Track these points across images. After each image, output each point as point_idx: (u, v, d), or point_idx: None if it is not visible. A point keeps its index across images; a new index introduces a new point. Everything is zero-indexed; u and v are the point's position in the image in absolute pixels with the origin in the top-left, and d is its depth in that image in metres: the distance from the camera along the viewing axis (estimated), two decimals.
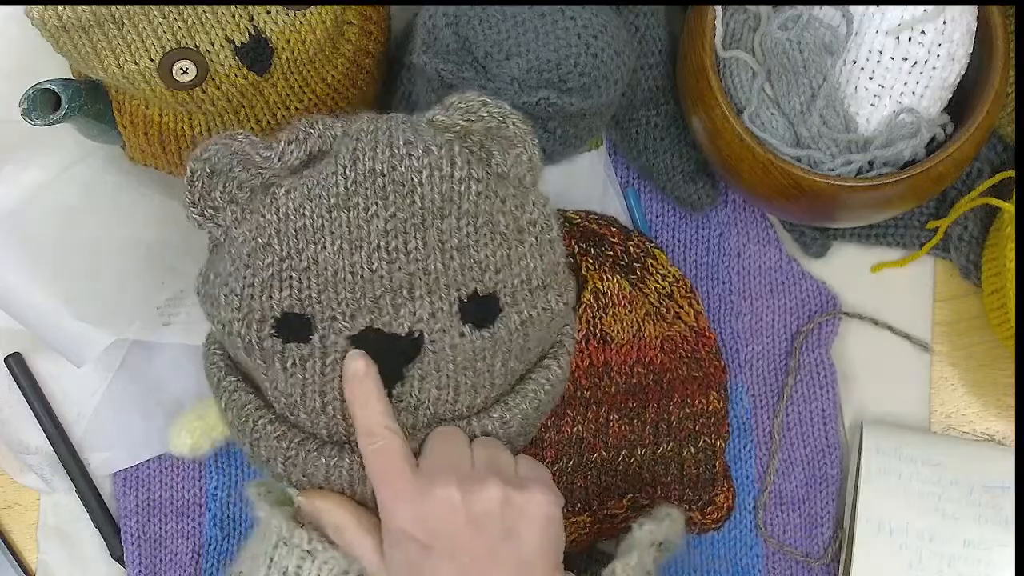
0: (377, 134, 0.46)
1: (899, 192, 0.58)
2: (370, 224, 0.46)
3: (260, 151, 0.47)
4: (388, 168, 0.45)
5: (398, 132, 0.46)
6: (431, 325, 0.47)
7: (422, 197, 0.46)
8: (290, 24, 0.54)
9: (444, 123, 0.47)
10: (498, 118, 0.47)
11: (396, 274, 0.46)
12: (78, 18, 0.50)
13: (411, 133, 0.46)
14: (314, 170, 0.47)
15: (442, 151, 0.46)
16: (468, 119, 0.47)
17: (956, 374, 0.68)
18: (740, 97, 0.59)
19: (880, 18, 0.56)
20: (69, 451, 0.64)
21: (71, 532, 0.66)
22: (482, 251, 0.47)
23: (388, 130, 0.46)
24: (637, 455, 0.63)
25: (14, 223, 0.60)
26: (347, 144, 0.46)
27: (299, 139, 0.48)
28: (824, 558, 0.65)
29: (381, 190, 0.46)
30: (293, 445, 0.47)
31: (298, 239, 0.46)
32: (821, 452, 0.66)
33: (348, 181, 0.46)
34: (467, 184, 0.46)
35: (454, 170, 0.46)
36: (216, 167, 0.47)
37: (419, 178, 0.45)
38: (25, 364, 0.65)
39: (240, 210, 0.48)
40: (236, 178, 0.48)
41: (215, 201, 0.48)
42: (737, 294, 0.67)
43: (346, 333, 0.47)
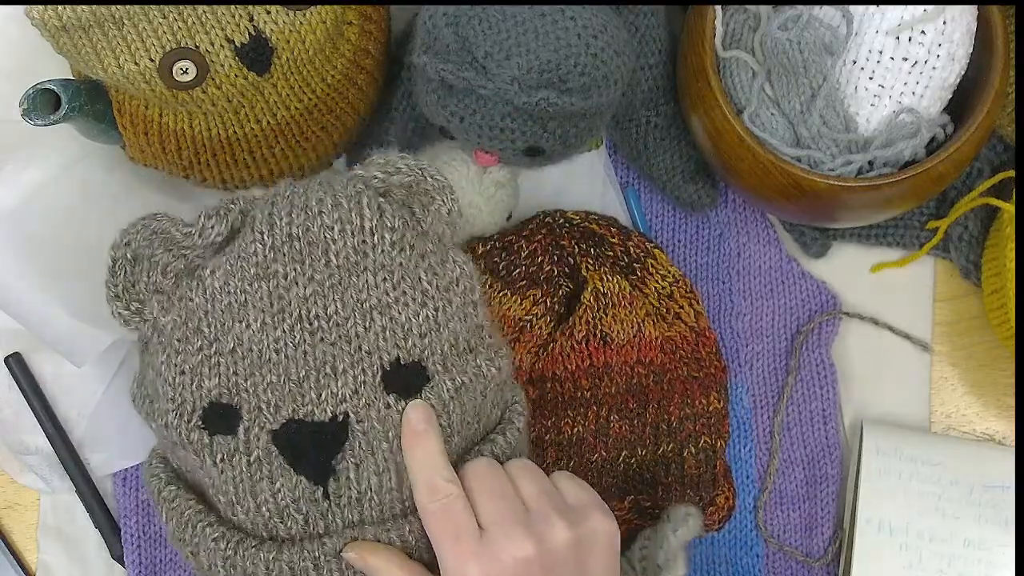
0: (293, 197, 0.45)
1: (899, 192, 0.58)
2: (290, 292, 0.44)
3: (180, 229, 0.46)
4: (303, 230, 0.44)
5: (312, 192, 0.45)
6: (355, 402, 0.45)
7: (336, 255, 0.44)
8: (290, 24, 0.54)
9: (361, 177, 0.47)
10: (416, 172, 0.47)
11: (319, 347, 0.44)
12: (78, 18, 0.50)
13: (323, 191, 0.45)
14: (235, 243, 0.46)
15: (351, 202, 0.45)
16: (385, 171, 0.47)
17: (956, 374, 0.68)
18: (740, 97, 0.59)
19: (880, 18, 0.56)
20: (69, 451, 0.64)
21: (71, 532, 0.66)
22: (404, 311, 0.45)
23: (304, 192, 0.45)
24: (637, 456, 0.63)
25: (14, 223, 0.60)
26: (263, 209, 0.45)
27: (219, 214, 0.46)
28: (824, 558, 0.65)
29: (298, 254, 0.44)
30: (231, 545, 0.45)
31: (224, 319, 0.44)
32: (821, 452, 0.66)
33: (266, 248, 0.44)
34: (379, 234, 0.45)
35: (363, 221, 0.45)
36: (138, 252, 0.46)
37: (331, 235, 0.44)
38: (25, 364, 0.65)
39: (166, 298, 0.46)
40: (159, 263, 0.46)
41: (139, 294, 0.47)
42: (737, 294, 0.67)
43: (269, 427, 0.44)
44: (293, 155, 0.60)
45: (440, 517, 0.45)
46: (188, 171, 0.60)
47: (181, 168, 0.60)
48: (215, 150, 0.58)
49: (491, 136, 0.56)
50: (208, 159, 0.59)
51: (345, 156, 0.66)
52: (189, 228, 0.46)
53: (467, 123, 0.56)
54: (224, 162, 0.59)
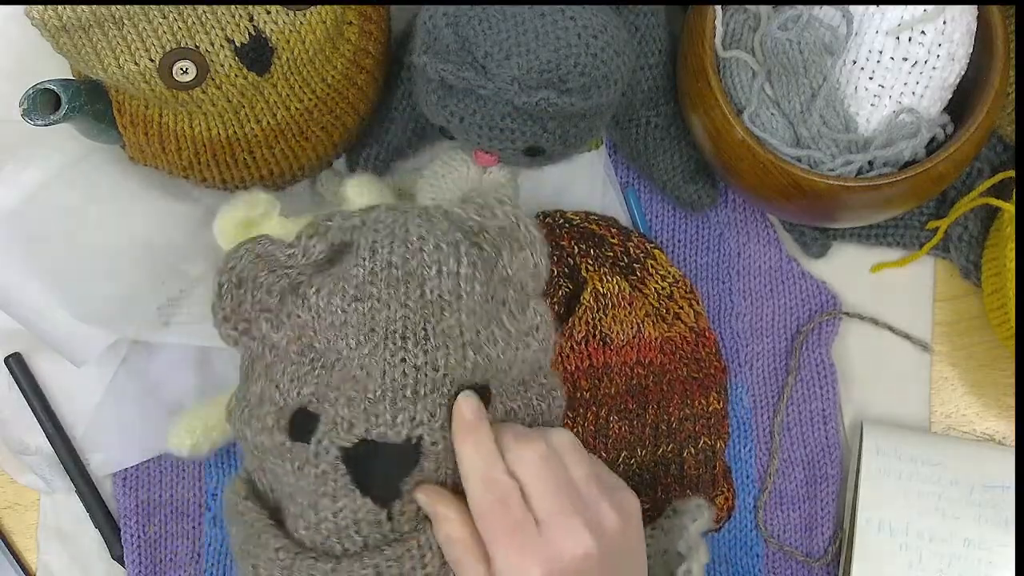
0: (394, 227, 0.46)
1: (899, 192, 0.58)
2: (380, 314, 0.45)
3: (284, 251, 0.47)
4: (402, 261, 0.45)
5: (413, 226, 0.46)
6: (432, 425, 0.45)
7: (431, 290, 0.45)
8: (290, 24, 0.54)
9: (459, 216, 0.48)
10: (512, 219, 0.48)
11: (400, 367, 0.45)
12: (78, 18, 0.50)
13: (425, 228, 0.46)
14: (340, 263, 0.47)
15: (451, 248, 0.46)
16: (482, 215, 0.48)
17: (956, 374, 0.68)
18: (740, 97, 0.59)
19: (880, 18, 0.56)
20: (69, 451, 0.64)
21: (71, 532, 0.66)
22: (493, 349, 0.47)
23: (404, 223, 0.46)
24: (637, 456, 0.63)
25: (14, 223, 0.60)
26: (367, 236, 0.46)
27: (320, 232, 0.47)
28: (824, 558, 0.65)
29: (395, 280, 0.45)
30: (290, 555, 0.45)
31: (328, 335, 0.46)
32: (821, 452, 0.66)
33: (366, 272, 0.45)
34: (471, 284, 0.46)
35: (459, 268, 0.46)
36: (243, 275, 0.47)
37: (428, 273, 0.45)
38: (25, 364, 0.65)
39: (274, 316, 0.47)
40: (264, 284, 0.47)
41: (246, 313, 0.48)
42: (737, 294, 0.67)
43: (340, 443, 0.45)
44: (293, 155, 0.60)
45: (496, 512, 0.43)
46: (188, 171, 0.60)
47: (181, 168, 0.60)
48: (215, 150, 0.58)
49: (491, 136, 0.56)
50: (208, 159, 0.59)
51: (345, 156, 0.66)
52: (292, 249, 0.47)
53: (467, 123, 0.56)
54: (224, 162, 0.59)
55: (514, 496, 0.44)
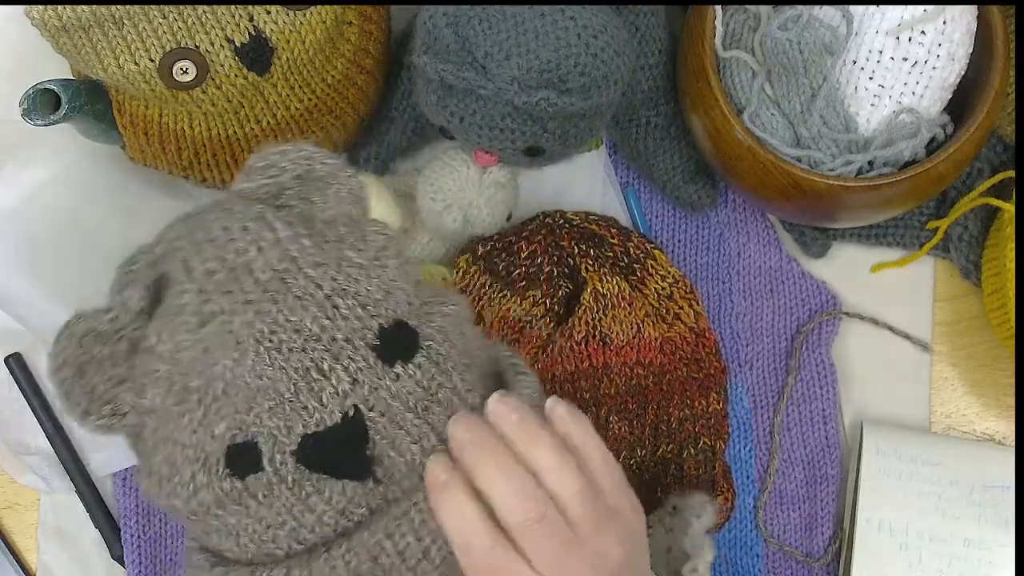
0: (194, 234, 0.44)
1: (899, 192, 0.58)
2: (234, 323, 0.43)
3: (103, 319, 0.44)
4: (219, 262, 0.43)
5: (210, 222, 0.43)
6: (359, 392, 0.43)
7: (262, 271, 0.43)
8: (290, 24, 0.54)
9: (251, 190, 0.45)
10: (303, 164, 0.45)
11: (292, 357, 0.43)
12: (78, 18, 0.50)
13: (224, 218, 0.43)
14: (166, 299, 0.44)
15: (257, 223, 0.43)
16: (271, 175, 0.45)
17: (956, 374, 0.68)
18: (740, 97, 0.59)
19: (880, 18, 0.56)
20: (69, 451, 0.64)
21: (71, 532, 0.66)
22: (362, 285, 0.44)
23: (201, 224, 0.44)
24: (637, 456, 0.63)
25: (14, 223, 0.60)
26: (175, 257, 0.44)
27: (129, 282, 0.45)
28: (824, 558, 0.65)
29: (223, 285, 0.43)
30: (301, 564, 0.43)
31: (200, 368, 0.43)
32: (821, 452, 0.66)
33: (194, 292, 0.43)
34: (296, 241, 0.43)
35: (276, 233, 0.43)
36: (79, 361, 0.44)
37: (250, 256, 0.43)
38: (25, 364, 0.65)
39: (133, 383, 0.44)
40: (104, 358, 0.44)
41: (103, 395, 0.45)
42: (737, 294, 0.67)
43: (289, 449, 0.43)
44: None
45: None
46: (188, 171, 0.60)
47: (181, 168, 0.60)
48: (215, 150, 0.58)
49: (491, 136, 0.56)
50: (208, 159, 0.59)
51: (345, 156, 0.66)
52: (112, 313, 0.45)
53: (467, 123, 0.56)
54: (224, 162, 0.59)
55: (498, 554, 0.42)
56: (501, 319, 0.62)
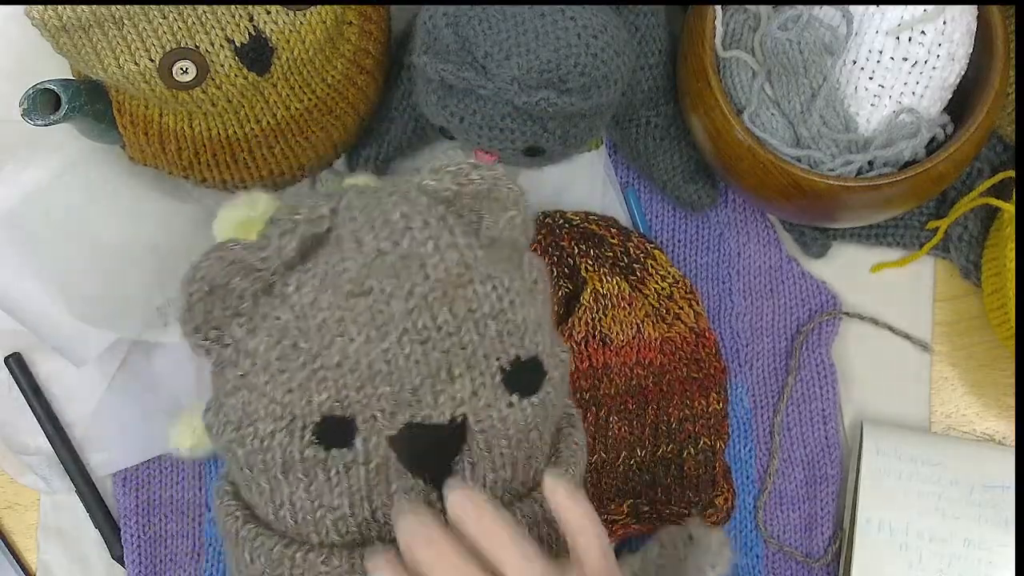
0: (370, 210, 0.44)
1: (899, 192, 0.58)
2: (390, 306, 0.43)
3: (255, 254, 0.45)
4: (391, 245, 0.43)
5: (391, 206, 0.44)
6: (474, 404, 0.44)
7: (435, 268, 0.43)
8: (290, 24, 0.54)
9: (434, 188, 0.45)
10: (490, 181, 0.46)
11: (432, 355, 0.44)
12: (78, 18, 0.50)
13: (405, 205, 0.44)
14: (319, 259, 0.44)
15: (439, 221, 0.44)
16: (459, 183, 0.46)
17: (956, 374, 0.68)
18: (740, 97, 0.59)
19: (880, 18, 0.56)
20: (69, 451, 0.64)
21: (71, 532, 0.65)
22: (517, 314, 0.45)
23: (380, 205, 0.44)
24: (637, 457, 0.63)
25: (14, 223, 0.60)
26: (346, 226, 0.44)
27: (289, 229, 0.45)
28: (824, 558, 0.65)
29: (391, 268, 0.43)
30: (344, 557, 0.44)
31: (322, 335, 0.43)
32: (821, 452, 0.66)
33: (358, 265, 0.43)
34: (473, 251, 0.44)
35: (456, 238, 0.44)
36: (214, 283, 0.44)
37: (425, 250, 0.43)
38: (25, 364, 0.65)
39: (247, 320, 0.44)
40: (235, 289, 0.45)
41: (216, 320, 0.45)
42: (737, 294, 0.67)
43: (387, 433, 0.44)
44: (293, 155, 0.60)
45: None
46: (188, 171, 0.60)
47: (181, 168, 0.60)
48: (215, 150, 0.58)
49: (491, 136, 0.56)
50: (208, 159, 0.59)
51: (345, 156, 0.66)
52: (264, 252, 0.45)
53: (467, 123, 0.56)
54: (224, 162, 0.59)
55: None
56: None
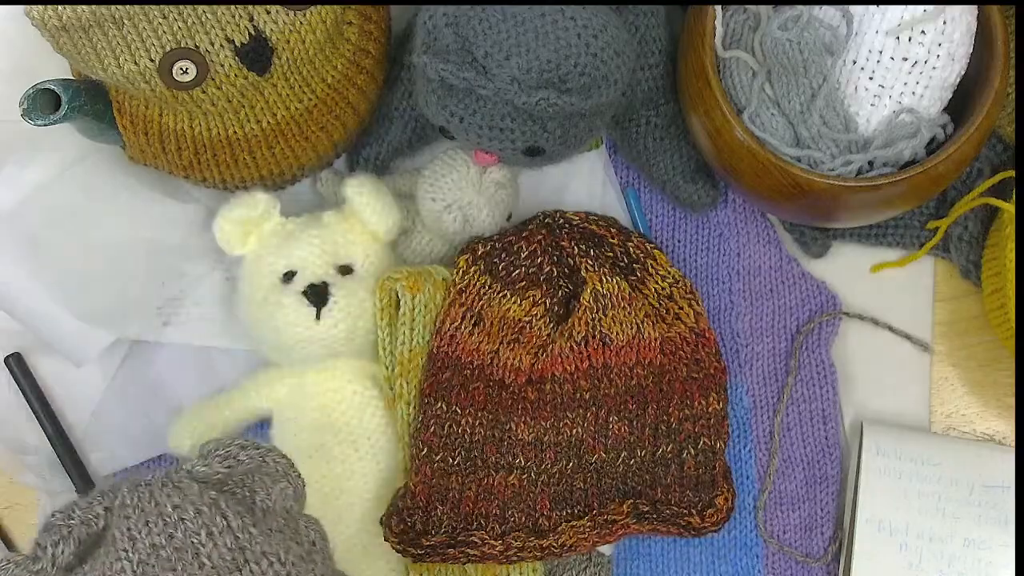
0: (144, 506, 0.45)
1: (899, 192, 0.58)
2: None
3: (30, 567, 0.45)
4: (166, 539, 0.45)
5: (163, 498, 0.45)
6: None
7: (209, 556, 0.45)
8: (290, 24, 0.54)
9: (205, 474, 0.47)
10: (257, 459, 0.48)
11: None
12: (78, 18, 0.50)
13: (176, 496, 0.45)
14: (95, 561, 0.45)
15: (211, 508, 0.45)
16: (228, 465, 0.47)
17: (956, 374, 0.68)
18: (740, 97, 0.59)
19: (880, 18, 0.56)
20: (69, 451, 0.64)
21: None
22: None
23: (152, 499, 0.45)
24: (637, 457, 0.63)
25: (14, 223, 0.60)
26: (120, 525, 0.45)
27: (64, 536, 0.46)
28: (824, 558, 0.65)
29: (167, 562, 0.45)
30: None
31: None
32: (821, 452, 0.66)
33: (133, 564, 0.44)
34: (246, 531, 0.46)
35: (229, 521, 0.45)
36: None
37: (199, 539, 0.45)
38: (25, 364, 0.65)
39: None
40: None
41: None
42: (737, 294, 0.67)
43: None
44: (293, 155, 0.60)
45: None
46: (188, 171, 0.60)
47: (181, 168, 0.60)
48: (215, 150, 0.58)
49: (491, 136, 0.56)
50: (208, 159, 0.59)
51: (345, 156, 0.66)
52: (40, 563, 0.45)
53: (467, 123, 0.56)
54: (224, 162, 0.59)
55: None
56: (501, 319, 0.62)
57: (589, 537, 0.62)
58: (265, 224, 0.60)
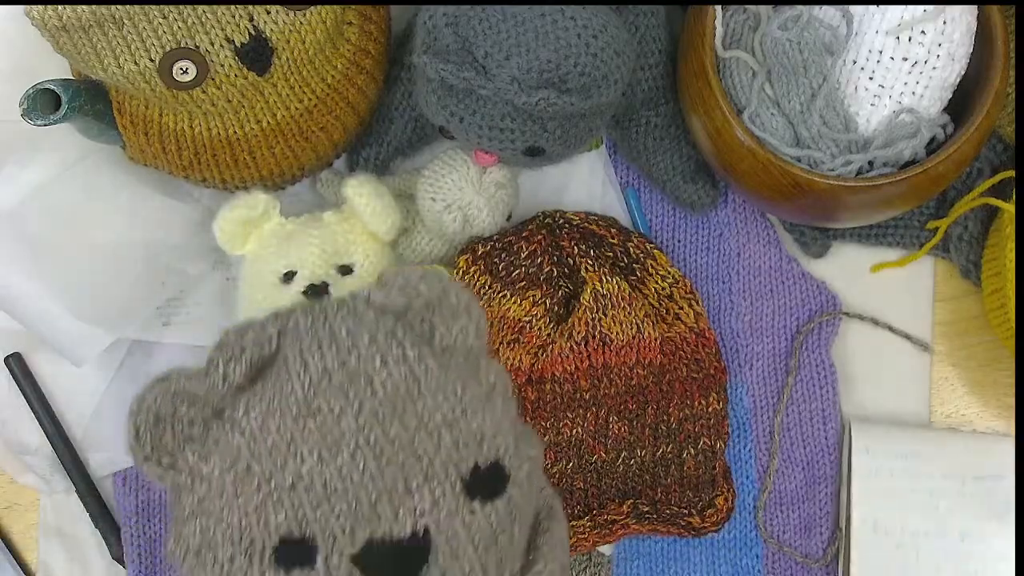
0: (317, 329, 0.44)
1: (899, 192, 0.58)
2: (340, 424, 0.43)
3: (200, 384, 0.45)
4: (338, 364, 0.44)
5: (337, 323, 0.44)
6: (435, 515, 0.44)
7: (383, 384, 0.44)
8: (290, 24, 0.54)
9: (382, 303, 0.45)
10: (439, 292, 0.46)
11: (387, 469, 0.44)
12: (78, 18, 0.50)
13: (350, 321, 0.44)
14: (267, 382, 0.45)
15: (386, 336, 0.44)
16: (407, 295, 0.45)
17: (956, 374, 0.68)
18: (740, 97, 0.59)
19: (880, 18, 0.56)
20: (69, 451, 0.64)
21: (71, 532, 0.65)
22: (472, 421, 0.45)
23: (326, 323, 0.44)
24: (637, 457, 0.63)
25: (14, 223, 0.60)
26: (292, 348, 0.44)
27: (236, 356, 0.45)
28: (824, 559, 0.65)
29: (339, 387, 0.44)
30: None
31: (274, 457, 0.43)
32: (821, 452, 0.66)
33: (304, 387, 0.44)
34: (423, 363, 0.44)
35: (405, 351, 0.44)
36: (160, 413, 0.45)
37: (372, 366, 0.44)
38: (25, 364, 0.65)
39: (200, 446, 0.45)
40: (183, 417, 0.45)
41: (167, 447, 0.45)
42: (737, 294, 0.67)
43: (348, 552, 0.43)
44: (293, 155, 0.60)
45: None
46: (188, 171, 0.60)
47: (181, 168, 0.60)
48: (215, 150, 0.58)
49: (491, 136, 0.56)
50: (208, 159, 0.59)
51: (345, 156, 0.66)
52: (211, 379, 0.45)
53: (467, 123, 0.56)
54: (224, 162, 0.59)
55: None
56: (501, 319, 0.62)
57: (589, 537, 0.62)
58: (265, 224, 0.60)
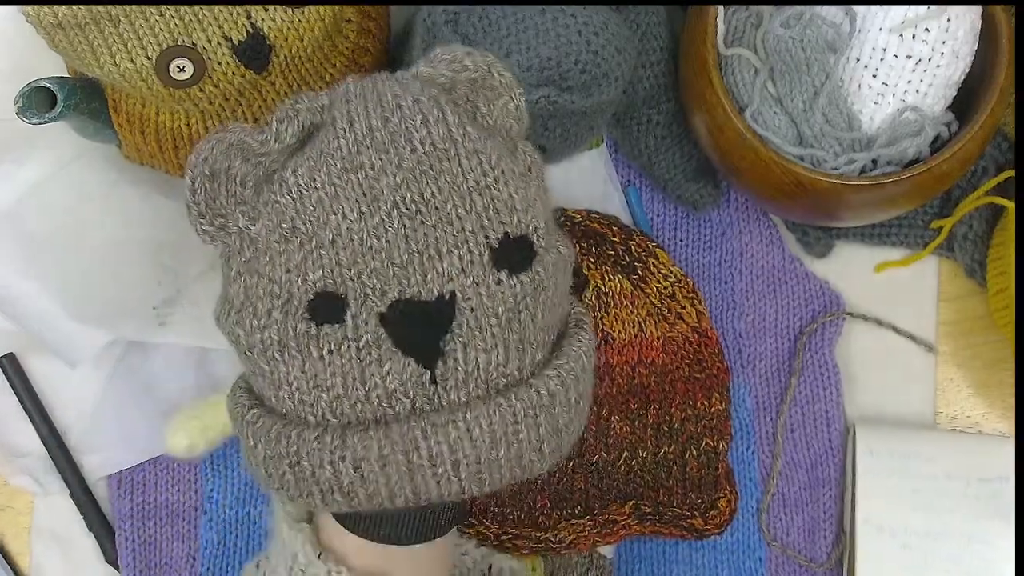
0: (365, 93, 0.46)
1: (903, 191, 0.58)
2: (380, 181, 0.45)
3: (256, 137, 0.47)
4: (382, 122, 0.46)
5: (384, 87, 0.46)
6: (462, 281, 0.45)
7: (422, 143, 0.45)
8: (288, 22, 0.53)
9: (429, 75, 0.47)
10: (483, 68, 0.47)
11: (420, 230, 0.45)
12: (74, 15, 0.50)
13: (398, 87, 0.46)
14: (315, 142, 0.47)
15: (430, 100, 0.46)
16: (453, 69, 0.47)
17: (961, 374, 0.67)
18: (742, 95, 0.59)
19: (884, 15, 0.56)
20: (63, 453, 0.64)
21: (65, 535, 0.65)
22: (505, 188, 0.46)
23: (374, 87, 0.47)
24: (638, 457, 0.63)
25: (9, 222, 0.60)
26: (340, 108, 0.46)
27: (290, 116, 0.47)
28: (828, 562, 0.65)
29: (381, 144, 0.46)
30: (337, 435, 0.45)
31: (317, 213, 0.45)
32: (824, 454, 0.66)
33: (349, 142, 0.46)
34: (462, 128, 0.46)
35: (445, 115, 0.46)
36: (216, 167, 0.47)
37: (413, 124, 0.46)
38: (19, 365, 0.65)
39: (250, 208, 0.47)
40: (237, 174, 0.47)
41: (221, 208, 0.47)
42: (740, 294, 0.67)
43: (376, 309, 0.45)
44: None
45: None
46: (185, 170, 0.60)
47: (178, 167, 0.59)
48: None
49: None
50: None
51: None
52: (264, 135, 0.47)
53: None
54: None
55: None
56: None
57: (590, 536, 0.62)
58: None
